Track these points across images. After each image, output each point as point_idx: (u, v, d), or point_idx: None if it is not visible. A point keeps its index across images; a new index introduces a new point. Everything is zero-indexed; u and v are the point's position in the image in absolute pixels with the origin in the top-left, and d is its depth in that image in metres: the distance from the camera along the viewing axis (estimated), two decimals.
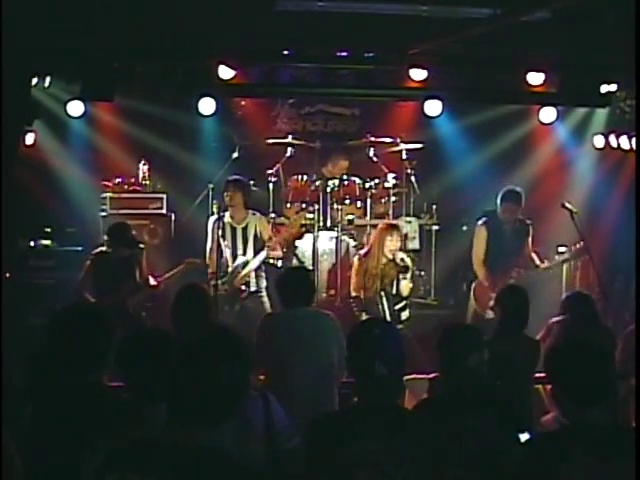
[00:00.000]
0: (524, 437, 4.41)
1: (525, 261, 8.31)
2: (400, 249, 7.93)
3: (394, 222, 8.52)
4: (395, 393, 3.54)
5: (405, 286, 7.91)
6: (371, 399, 3.45)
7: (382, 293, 7.84)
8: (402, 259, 7.83)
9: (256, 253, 8.14)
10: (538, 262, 8.35)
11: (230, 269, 8.11)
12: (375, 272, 7.89)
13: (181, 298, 5.49)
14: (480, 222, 8.45)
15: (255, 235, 8.20)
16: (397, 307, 7.90)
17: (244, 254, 8.16)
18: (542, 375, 5.92)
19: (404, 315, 7.96)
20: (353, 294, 7.99)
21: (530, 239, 8.43)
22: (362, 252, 8.12)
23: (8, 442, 3.61)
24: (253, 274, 8.14)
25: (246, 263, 8.11)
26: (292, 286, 5.89)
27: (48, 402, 3.74)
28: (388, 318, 7.73)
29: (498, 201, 8.32)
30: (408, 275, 7.90)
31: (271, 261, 8.54)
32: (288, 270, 6.79)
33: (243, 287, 8.09)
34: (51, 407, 3.69)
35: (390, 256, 7.83)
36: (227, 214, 8.18)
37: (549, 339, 6.21)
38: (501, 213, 8.31)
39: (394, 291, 7.89)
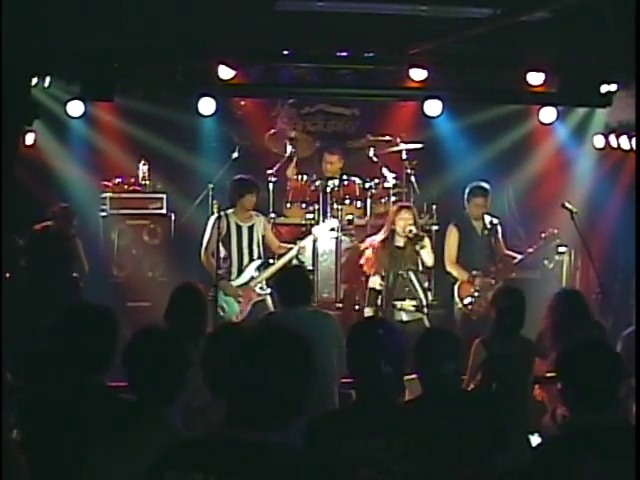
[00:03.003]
0: (535, 440, 4.41)
1: (502, 259, 8.37)
2: (414, 224, 8.00)
3: (405, 203, 8.58)
4: (398, 392, 3.54)
5: (427, 256, 8.06)
6: (374, 398, 3.45)
7: (410, 273, 7.91)
8: (410, 230, 7.90)
9: (261, 254, 8.20)
10: (516, 256, 8.41)
11: (235, 269, 8.12)
12: (389, 254, 7.95)
13: (177, 297, 5.48)
14: (451, 223, 8.52)
15: (262, 236, 8.24)
16: (425, 285, 8.02)
17: (250, 253, 8.16)
18: (539, 375, 5.96)
19: (430, 295, 8.06)
20: (368, 272, 8.09)
21: (501, 236, 8.48)
22: (377, 238, 8.19)
23: (12, 444, 3.62)
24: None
25: (262, 265, 8.14)
26: (290, 286, 5.89)
27: (49, 402, 3.74)
28: (421, 295, 7.88)
29: (465, 198, 8.39)
30: (425, 243, 8.00)
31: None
32: (286, 270, 6.79)
33: (257, 289, 8.11)
34: (52, 407, 3.69)
35: (405, 235, 7.91)
36: (230, 212, 8.18)
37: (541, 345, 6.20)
38: (470, 210, 8.38)
39: (420, 267, 8.02)
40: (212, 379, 3.93)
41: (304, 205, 9.40)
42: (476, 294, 8.17)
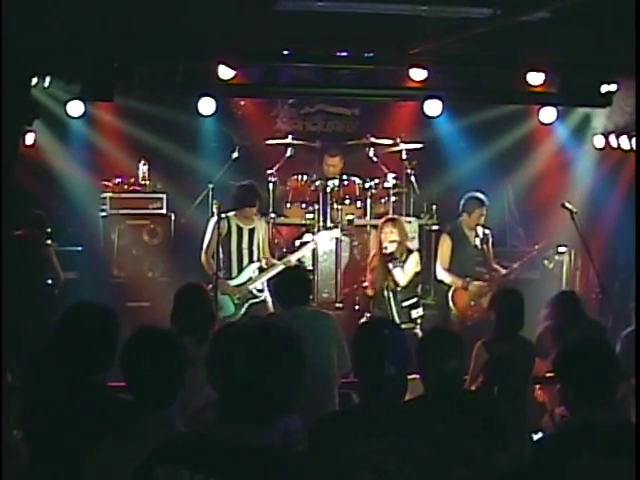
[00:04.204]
0: (537, 436, 4.39)
1: (491, 269, 8.37)
2: (396, 241, 7.93)
3: (392, 216, 8.55)
4: (401, 393, 3.54)
5: (401, 275, 7.95)
6: (378, 399, 3.45)
7: (386, 291, 7.89)
8: (385, 247, 7.86)
9: (261, 257, 8.21)
10: (503, 271, 8.38)
11: (234, 270, 8.13)
12: (377, 270, 7.94)
13: (182, 298, 5.48)
14: (444, 232, 8.52)
15: (262, 238, 8.25)
16: (406, 304, 7.93)
17: (250, 255, 8.16)
18: (539, 375, 5.96)
19: (415, 313, 7.99)
20: (368, 292, 8.13)
21: (491, 247, 8.47)
22: (371, 255, 8.24)
23: (11, 438, 3.62)
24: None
25: (261, 268, 8.15)
26: (288, 286, 5.88)
27: (49, 401, 3.75)
28: (395, 315, 7.78)
29: (462, 208, 8.37)
30: (398, 262, 7.93)
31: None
32: (285, 270, 6.79)
33: (254, 290, 8.12)
34: (52, 406, 3.69)
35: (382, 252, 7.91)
36: (232, 215, 8.18)
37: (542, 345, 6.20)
38: (469, 219, 8.36)
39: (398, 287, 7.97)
40: (214, 378, 3.93)
41: (304, 205, 9.41)
42: (472, 303, 8.16)
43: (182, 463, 2.49)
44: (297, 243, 9.15)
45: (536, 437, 5.38)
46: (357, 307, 8.85)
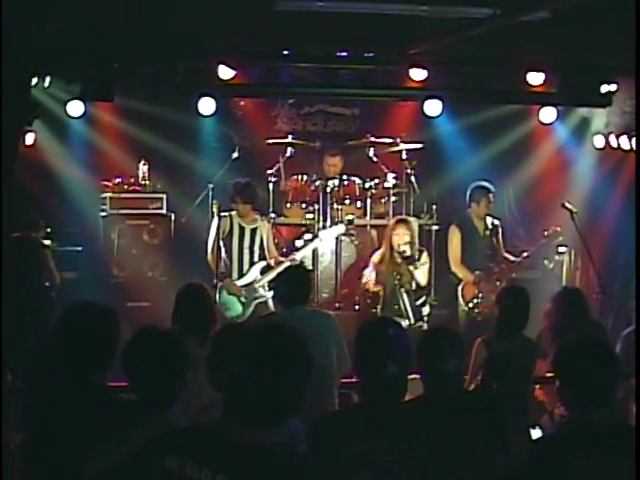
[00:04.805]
0: (536, 434, 4.38)
1: (502, 260, 8.38)
2: (409, 242, 7.96)
3: (403, 217, 8.57)
4: (402, 393, 3.54)
5: (421, 276, 8.06)
6: (379, 398, 3.45)
7: (402, 290, 7.92)
8: (404, 250, 7.89)
9: (263, 256, 8.23)
10: (512, 258, 8.41)
11: (235, 270, 8.13)
12: (387, 269, 7.96)
13: (183, 298, 5.48)
14: (453, 224, 8.53)
15: (263, 238, 8.25)
16: (418, 302, 7.98)
17: (250, 255, 8.17)
18: (539, 375, 5.96)
19: (425, 311, 8.04)
20: (372, 290, 8.09)
21: (501, 237, 8.48)
22: (376, 255, 8.26)
23: (7, 439, 3.62)
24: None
25: (266, 267, 8.15)
26: (288, 286, 5.88)
27: (50, 401, 3.74)
28: (410, 314, 7.81)
29: (470, 198, 8.38)
30: (420, 263, 8.03)
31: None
32: (285, 270, 6.80)
33: (260, 291, 8.13)
34: (53, 406, 3.69)
35: (400, 252, 7.93)
36: (234, 213, 8.21)
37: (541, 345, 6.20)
38: (477, 209, 8.38)
39: (414, 286, 8.00)
40: (216, 378, 3.93)
41: (304, 205, 9.41)
42: (480, 295, 8.17)
43: (190, 457, 2.48)
44: (298, 242, 9.16)
45: (534, 432, 5.38)
46: (357, 307, 8.85)
